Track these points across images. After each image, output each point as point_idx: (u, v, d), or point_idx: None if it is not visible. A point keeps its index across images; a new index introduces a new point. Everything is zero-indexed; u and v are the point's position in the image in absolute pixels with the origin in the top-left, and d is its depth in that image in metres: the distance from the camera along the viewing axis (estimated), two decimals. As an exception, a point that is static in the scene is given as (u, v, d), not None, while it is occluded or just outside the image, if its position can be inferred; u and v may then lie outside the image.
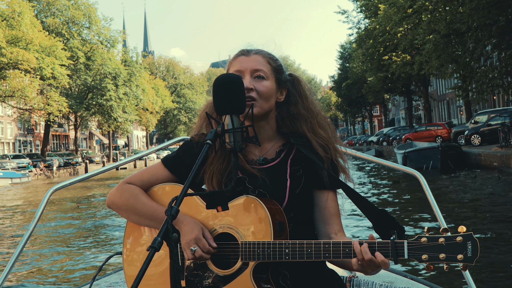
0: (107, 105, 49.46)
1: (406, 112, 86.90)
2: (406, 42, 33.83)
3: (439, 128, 38.14)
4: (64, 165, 49.64)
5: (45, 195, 2.51)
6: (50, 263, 8.83)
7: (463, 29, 24.37)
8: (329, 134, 2.01)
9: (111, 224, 12.79)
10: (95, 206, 18.54)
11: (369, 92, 51.79)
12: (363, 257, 1.67)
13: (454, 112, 63.16)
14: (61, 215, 15.66)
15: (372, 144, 56.45)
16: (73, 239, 11.30)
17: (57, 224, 13.69)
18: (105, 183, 30.38)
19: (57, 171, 46.03)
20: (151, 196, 1.97)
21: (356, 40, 46.37)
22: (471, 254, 1.59)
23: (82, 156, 57.42)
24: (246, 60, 1.94)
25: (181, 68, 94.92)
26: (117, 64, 50.64)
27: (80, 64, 48.91)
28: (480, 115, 28.63)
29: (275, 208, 1.82)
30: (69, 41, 48.60)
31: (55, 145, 70.24)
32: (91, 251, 9.74)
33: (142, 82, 56.14)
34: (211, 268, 1.83)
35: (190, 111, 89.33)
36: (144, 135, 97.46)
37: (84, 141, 79.88)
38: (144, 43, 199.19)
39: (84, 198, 21.61)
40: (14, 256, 2.43)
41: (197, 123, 2.12)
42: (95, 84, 49.63)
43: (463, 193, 15.73)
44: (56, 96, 42.04)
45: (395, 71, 38.24)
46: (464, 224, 1.69)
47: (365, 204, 1.83)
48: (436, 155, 23.06)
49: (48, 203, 2.55)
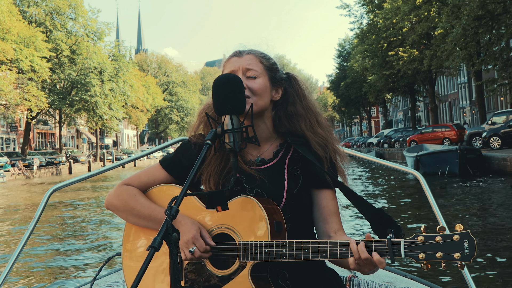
0: (92, 101, 46.41)
1: (405, 114, 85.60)
2: (415, 35, 31.03)
3: (446, 130, 35.68)
4: (46, 165, 47.47)
5: (45, 195, 2.55)
6: (50, 263, 8.82)
7: (498, 10, 21.17)
8: (328, 133, 2.01)
9: (111, 225, 12.72)
10: (94, 206, 18.22)
11: (369, 92, 49.19)
12: (359, 256, 1.67)
13: (457, 113, 60.88)
14: (60, 215, 15.57)
15: (371, 146, 54.00)
16: (73, 239, 11.23)
17: (57, 224, 13.68)
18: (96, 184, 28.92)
19: (37, 170, 43.98)
20: (149, 197, 1.99)
21: (358, 35, 43.72)
22: (468, 252, 1.59)
23: (66, 155, 54.76)
24: (238, 60, 1.95)
25: (174, 65, 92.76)
26: (103, 58, 47.57)
27: (64, 57, 45.99)
28: (498, 116, 26.05)
29: (273, 208, 1.82)
30: (53, 32, 45.64)
31: (40, 144, 67.83)
32: (91, 251, 9.73)
33: (130, 78, 53.20)
34: (209, 268, 1.84)
35: (183, 110, 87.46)
36: (134, 134, 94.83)
37: (71, 139, 77.46)
38: (138, 42, 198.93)
39: (84, 198, 21.19)
40: (14, 256, 2.46)
41: (195, 124, 2.08)
42: (80, 79, 46.64)
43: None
44: (34, 91, 39.12)
45: (402, 68, 35.41)
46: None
47: (362, 203, 1.84)
48: (454, 159, 20.40)
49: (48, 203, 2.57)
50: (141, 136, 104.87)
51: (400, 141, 42.16)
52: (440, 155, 21.38)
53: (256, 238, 1.75)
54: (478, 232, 9.21)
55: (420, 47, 34.50)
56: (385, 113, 64.75)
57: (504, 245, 8.41)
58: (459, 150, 20.40)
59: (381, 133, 56.02)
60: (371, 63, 43.21)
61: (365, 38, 41.32)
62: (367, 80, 51.10)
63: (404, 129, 51.82)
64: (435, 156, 21.59)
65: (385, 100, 58.90)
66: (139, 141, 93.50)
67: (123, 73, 50.68)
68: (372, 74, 46.15)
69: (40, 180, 38.18)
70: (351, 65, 59.17)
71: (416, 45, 34.77)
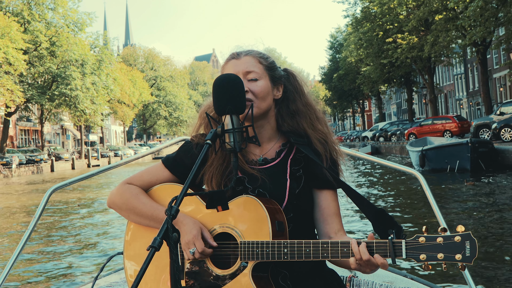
0: (73, 95, 43.98)
1: (399, 106, 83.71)
2: (414, 20, 28.94)
3: (447, 122, 33.75)
4: (27, 163, 45.26)
5: (44, 194, 2.52)
6: (50, 263, 8.68)
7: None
8: (327, 129, 1.99)
9: (112, 224, 12.49)
10: (95, 205, 17.90)
11: (364, 83, 47.14)
12: (361, 257, 1.65)
13: (453, 105, 59.12)
14: (60, 214, 15.40)
15: (366, 140, 52.01)
16: (73, 239, 11.08)
17: (57, 223, 13.55)
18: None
19: (16, 169, 41.74)
20: (151, 196, 1.98)
21: (352, 23, 41.58)
22: (470, 253, 1.57)
23: (49, 153, 52.34)
24: (237, 63, 1.92)
25: (161, 59, 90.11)
26: (84, 50, 45.13)
27: (43, 49, 43.53)
28: (507, 106, 24.15)
29: (275, 208, 1.81)
30: (31, 24, 43.14)
31: (23, 141, 65.34)
32: (92, 250, 9.62)
33: (113, 71, 50.78)
34: (210, 268, 1.83)
35: (171, 105, 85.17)
36: (122, 130, 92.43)
37: (56, 136, 74.98)
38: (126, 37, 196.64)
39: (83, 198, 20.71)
40: (14, 256, 2.44)
41: (195, 124, 2.08)
42: (60, 73, 44.19)
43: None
44: (9, 84, 36.75)
45: (400, 56, 33.31)
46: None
47: (364, 203, 1.82)
48: (464, 153, 18.44)
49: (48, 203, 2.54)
50: (129, 132, 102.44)
51: (397, 134, 40.19)
52: (448, 149, 19.37)
53: (258, 237, 1.75)
54: (494, 234, 8.62)
55: (420, 33, 32.44)
56: (379, 106, 62.79)
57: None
58: (470, 143, 18.42)
59: (376, 126, 54.05)
60: (366, 53, 41.15)
61: (360, 26, 39.27)
62: (361, 71, 49.13)
63: (400, 121, 49.83)
64: (443, 150, 19.57)
65: (380, 92, 56.90)
66: (126, 137, 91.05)
67: (106, 65, 48.24)
68: (367, 65, 44.21)
69: (19, 180, 36.33)
70: (345, 56, 57.06)
71: (415, 31, 32.74)
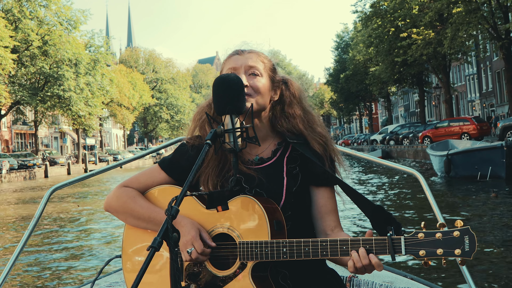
0: (66, 97, 41.67)
1: (406, 109, 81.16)
2: (431, 12, 26.50)
3: (465, 124, 31.37)
4: (19, 168, 42.94)
5: (44, 195, 2.50)
6: (50, 264, 8.59)
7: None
8: (326, 133, 1.99)
9: (110, 228, 12.24)
10: (94, 207, 17.73)
11: (373, 84, 44.67)
12: (362, 264, 1.64)
13: (465, 107, 56.60)
14: (60, 215, 15.35)
15: (375, 143, 49.49)
16: (72, 240, 11.01)
17: (56, 224, 13.55)
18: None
19: (7, 174, 39.53)
20: (148, 199, 1.97)
21: (361, 19, 39.17)
22: (469, 248, 1.56)
23: (43, 157, 50.02)
24: (240, 58, 1.93)
25: (163, 61, 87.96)
26: (78, 49, 42.85)
27: (35, 48, 41.29)
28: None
29: (272, 207, 1.82)
30: (22, 21, 40.93)
31: (19, 145, 63.33)
32: (90, 254, 9.35)
33: (109, 71, 48.48)
34: (209, 269, 1.83)
35: (172, 108, 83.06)
36: (123, 134, 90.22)
37: (54, 140, 72.84)
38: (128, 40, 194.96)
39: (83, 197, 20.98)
40: (14, 256, 2.43)
41: (191, 126, 2.07)
42: (52, 73, 41.92)
43: None
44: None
45: (415, 53, 30.82)
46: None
47: (362, 200, 1.82)
48: (499, 159, 16.02)
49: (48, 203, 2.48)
50: (131, 136, 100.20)
51: (409, 137, 37.75)
52: (479, 153, 16.92)
53: (256, 237, 1.75)
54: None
55: (436, 28, 29.99)
56: (389, 108, 60.23)
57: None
58: (506, 147, 16.01)
59: (385, 129, 51.59)
60: (376, 51, 38.75)
61: (369, 22, 36.89)
62: (369, 71, 46.70)
63: (412, 124, 47.32)
64: (473, 155, 17.14)
65: (389, 93, 54.41)
66: (126, 141, 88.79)
67: (101, 65, 45.96)
68: (376, 65, 41.81)
69: (8, 186, 34.19)
70: (352, 55, 54.61)
71: (430, 26, 30.32)
